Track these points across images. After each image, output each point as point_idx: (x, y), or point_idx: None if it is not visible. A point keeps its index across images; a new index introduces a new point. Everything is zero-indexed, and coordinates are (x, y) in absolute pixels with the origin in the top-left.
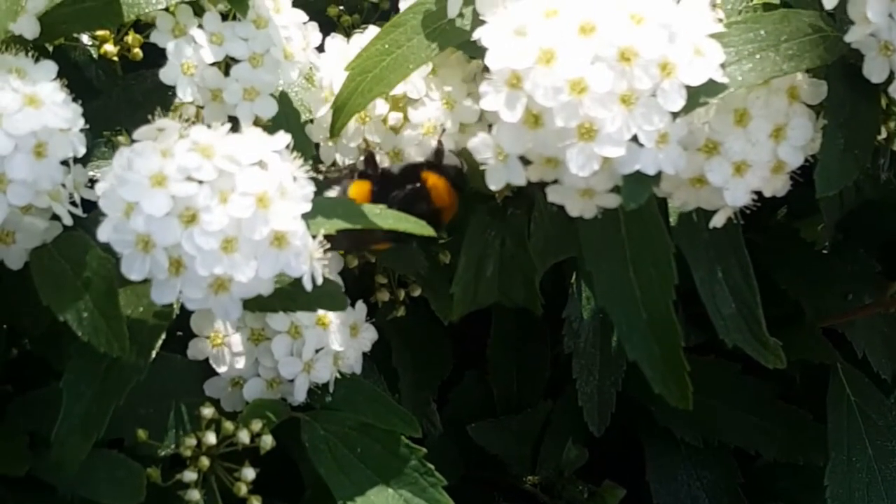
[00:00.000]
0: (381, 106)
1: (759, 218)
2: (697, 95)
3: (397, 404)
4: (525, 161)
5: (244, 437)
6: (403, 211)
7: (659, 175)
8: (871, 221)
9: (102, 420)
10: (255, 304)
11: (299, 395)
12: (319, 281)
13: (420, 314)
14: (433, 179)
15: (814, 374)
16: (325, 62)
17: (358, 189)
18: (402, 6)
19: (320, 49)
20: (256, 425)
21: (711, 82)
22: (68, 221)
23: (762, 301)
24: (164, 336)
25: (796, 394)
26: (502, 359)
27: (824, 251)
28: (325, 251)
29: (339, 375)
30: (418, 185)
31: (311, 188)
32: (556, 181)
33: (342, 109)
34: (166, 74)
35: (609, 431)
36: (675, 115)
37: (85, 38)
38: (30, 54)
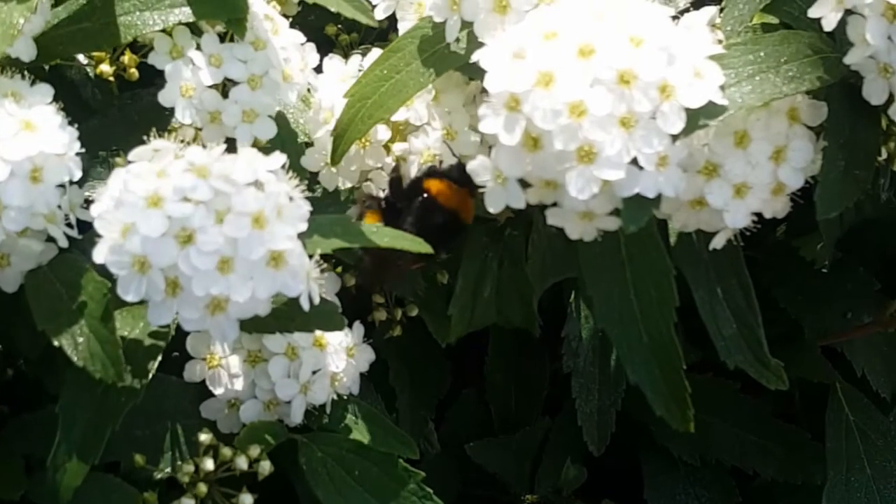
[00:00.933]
0: (382, 131)
1: (758, 235)
2: (697, 118)
3: (395, 426)
4: (524, 184)
5: (242, 463)
6: (422, 228)
7: (659, 197)
8: (871, 239)
9: (98, 445)
10: (252, 325)
11: (296, 417)
12: (317, 301)
13: (417, 333)
14: (436, 185)
15: (813, 391)
16: (323, 83)
17: (370, 221)
18: (402, 28)
19: (318, 70)
20: (254, 451)
21: (711, 104)
22: (64, 243)
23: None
24: (160, 357)
25: (795, 412)
26: (500, 376)
27: (824, 270)
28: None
29: (336, 397)
30: (424, 195)
31: (307, 208)
32: (555, 204)
33: (342, 136)
34: (165, 97)
35: (607, 449)
36: (674, 137)
37: (81, 57)
38: (26, 77)
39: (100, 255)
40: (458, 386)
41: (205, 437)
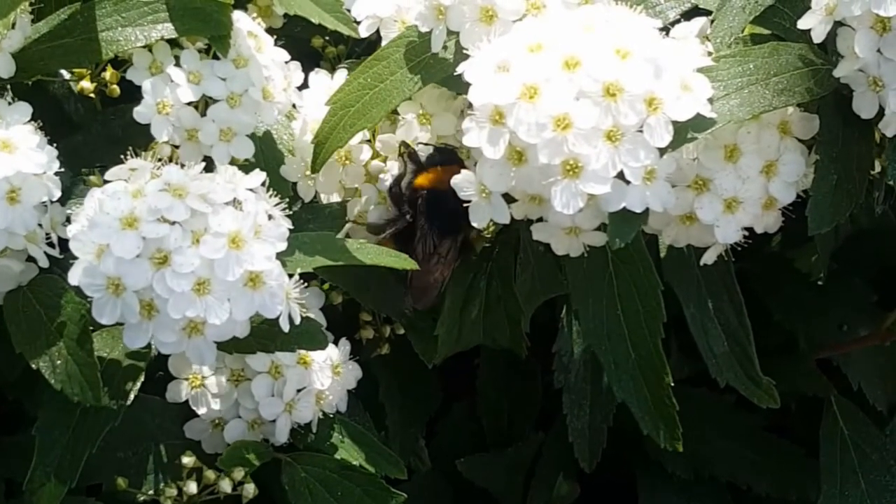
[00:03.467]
0: (365, 151)
1: (751, 246)
2: (685, 131)
3: (382, 445)
4: (509, 198)
5: (226, 486)
6: (442, 222)
7: (646, 212)
8: (867, 250)
9: (76, 467)
10: (232, 346)
11: (281, 437)
12: (297, 320)
13: (407, 348)
14: (427, 178)
15: (808, 404)
16: (308, 98)
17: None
18: (385, 38)
19: (302, 88)
20: (238, 473)
21: (699, 117)
22: (44, 263)
23: (754, 331)
24: (142, 378)
25: (790, 423)
26: (492, 390)
27: (819, 281)
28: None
29: (322, 415)
30: (423, 193)
31: (286, 226)
32: (541, 219)
33: (323, 144)
34: (141, 114)
35: (601, 464)
36: (662, 151)
37: (64, 71)
38: (4, 95)
39: (74, 276)
40: (449, 399)
41: (188, 459)
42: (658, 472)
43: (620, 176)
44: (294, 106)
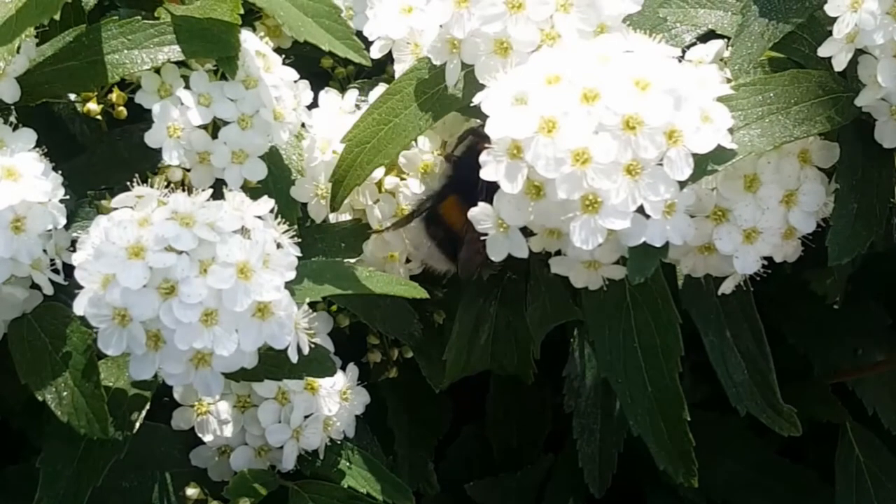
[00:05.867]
0: (389, 181)
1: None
2: (705, 163)
3: (389, 472)
4: (527, 231)
5: None
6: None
7: (666, 246)
8: (883, 274)
9: (81, 500)
10: (240, 374)
11: (288, 463)
12: (306, 350)
13: (415, 370)
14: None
15: (822, 429)
16: (318, 117)
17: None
18: (398, 70)
19: (312, 107)
20: (245, 503)
21: (720, 148)
22: (49, 291)
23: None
24: (147, 407)
25: (803, 447)
26: (501, 412)
27: (834, 305)
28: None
29: (329, 441)
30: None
31: (295, 254)
32: (559, 252)
33: (342, 182)
34: (151, 137)
35: (612, 487)
36: (682, 183)
37: None
38: (9, 122)
39: (80, 306)
40: (458, 420)
41: (192, 490)
42: (670, 496)
43: (640, 210)
44: (303, 125)
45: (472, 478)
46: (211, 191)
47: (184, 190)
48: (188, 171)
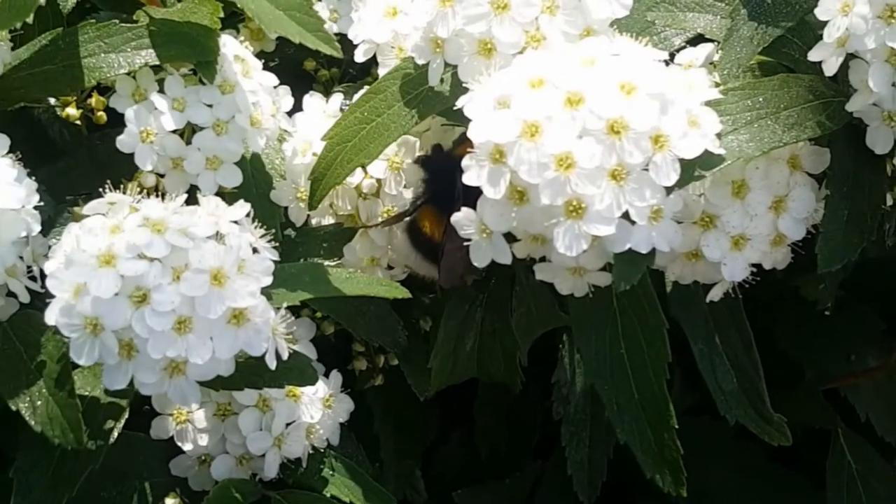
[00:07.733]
0: (357, 174)
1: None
2: (692, 168)
3: (373, 481)
4: (511, 237)
5: None
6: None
7: (653, 252)
8: (875, 279)
9: None
10: (217, 384)
11: (270, 472)
12: (285, 356)
13: (401, 377)
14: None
15: (814, 435)
16: (302, 121)
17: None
18: (381, 71)
19: (292, 113)
20: None
21: (707, 154)
22: (25, 298)
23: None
24: (125, 416)
25: (794, 452)
26: (490, 418)
27: (826, 311)
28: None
29: (312, 450)
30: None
31: (272, 258)
32: (544, 258)
33: (321, 181)
34: (124, 142)
35: (603, 494)
36: (668, 189)
37: None
38: None
39: (51, 316)
40: (445, 426)
41: (172, 501)
42: (661, 500)
43: (625, 216)
44: (285, 131)
45: (461, 485)
46: (185, 196)
47: (158, 196)
48: (162, 176)
